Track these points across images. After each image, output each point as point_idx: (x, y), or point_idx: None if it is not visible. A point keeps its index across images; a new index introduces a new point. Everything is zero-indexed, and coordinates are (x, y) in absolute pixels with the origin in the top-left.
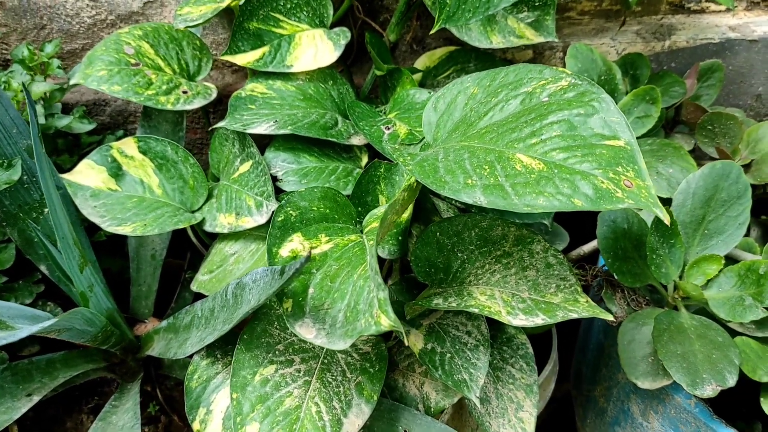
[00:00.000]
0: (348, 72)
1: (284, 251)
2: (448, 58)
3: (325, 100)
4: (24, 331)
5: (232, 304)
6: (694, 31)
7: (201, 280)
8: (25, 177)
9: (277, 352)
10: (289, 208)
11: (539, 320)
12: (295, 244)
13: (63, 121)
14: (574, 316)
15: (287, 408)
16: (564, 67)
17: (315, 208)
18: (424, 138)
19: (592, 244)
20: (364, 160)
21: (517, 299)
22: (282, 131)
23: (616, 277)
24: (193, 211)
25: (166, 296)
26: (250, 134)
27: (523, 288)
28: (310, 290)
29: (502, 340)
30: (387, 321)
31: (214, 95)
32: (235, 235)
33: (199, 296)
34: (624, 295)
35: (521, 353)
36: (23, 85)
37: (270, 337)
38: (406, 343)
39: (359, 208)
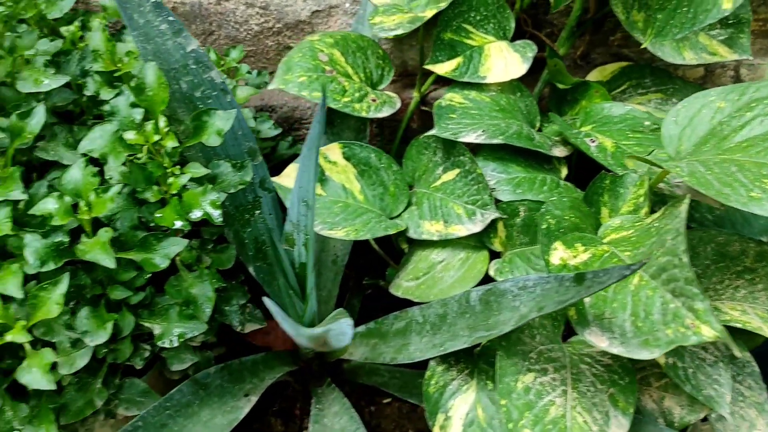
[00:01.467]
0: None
1: (554, 259)
2: (621, 73)
3: (516, 112)
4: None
5: (480, 310)
6: None
7: (406, 287)
8: None
9: (531, 360)
10: (548, 217)
11: None
12: (560, 253)
13: (264, 126)
14: None
15: (554, 417)
16: None
17: (567, 218)
18: (652, 151)
19: None
20: (563, 171)
21: None
22: (493, 140)
23: None
24: (391, 218)
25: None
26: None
27: None
28: (586, 299)
29: None
30: (711, 331)
31: (398, 105)
32: (441, 243)
33: (368, 303)
34: None
35: (748, 371)
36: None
37: (523, 345)
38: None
39: None
